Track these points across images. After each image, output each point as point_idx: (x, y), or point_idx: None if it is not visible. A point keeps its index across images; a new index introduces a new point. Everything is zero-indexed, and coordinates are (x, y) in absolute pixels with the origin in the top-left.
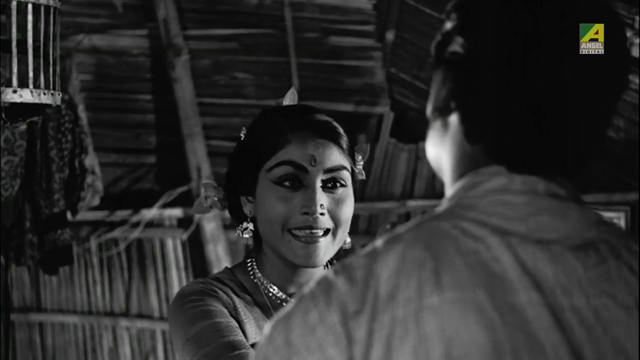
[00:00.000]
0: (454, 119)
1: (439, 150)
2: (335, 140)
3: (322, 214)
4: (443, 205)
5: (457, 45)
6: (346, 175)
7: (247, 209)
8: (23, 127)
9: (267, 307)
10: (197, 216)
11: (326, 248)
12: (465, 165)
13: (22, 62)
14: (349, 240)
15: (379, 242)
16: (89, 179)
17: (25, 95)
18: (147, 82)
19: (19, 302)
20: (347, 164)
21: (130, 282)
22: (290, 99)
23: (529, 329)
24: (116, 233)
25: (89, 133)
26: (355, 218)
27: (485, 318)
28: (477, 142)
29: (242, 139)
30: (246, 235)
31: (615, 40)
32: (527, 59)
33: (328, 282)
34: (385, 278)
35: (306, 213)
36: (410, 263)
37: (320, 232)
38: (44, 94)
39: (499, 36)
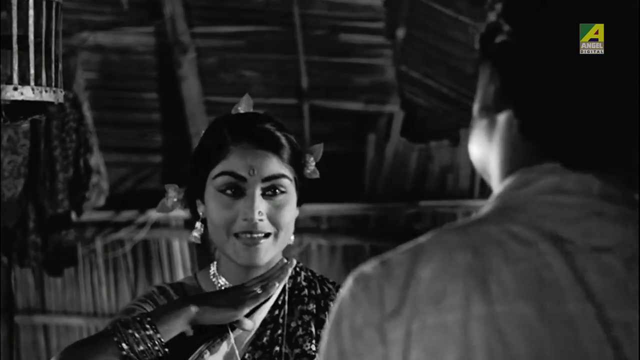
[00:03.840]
0: (503, 116)
1: (485, 150)
2: (274, 150)
3: (260, 220)
4: (490, 204)
5: (504, 35)
6: (285, 183)
7: (200, 210)
8: (26, 125)
9: None
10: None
11: (267, 249)
12: (515, 162)
13: (23, 59)
14: (292, 237)
15: (421, 240)
16: (94, 178)
17: (27, 93)
18: (153, 80)
19: (23, 304)
20: (287, 172)
21: (136, 283)
22: (245, 105)
23: (579, 343)
24: (122, 234)
25: (94, 132)
26: (365, 218)
27: (533, 333)
28: (531, 137)
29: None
30: (195, 234)
31: None
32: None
33: (366, 278)
34: (427, 279)
35: (246, 219)
36: (456, 268)
37: (261, 235)
38: (46, 91)
39: (550, 21)
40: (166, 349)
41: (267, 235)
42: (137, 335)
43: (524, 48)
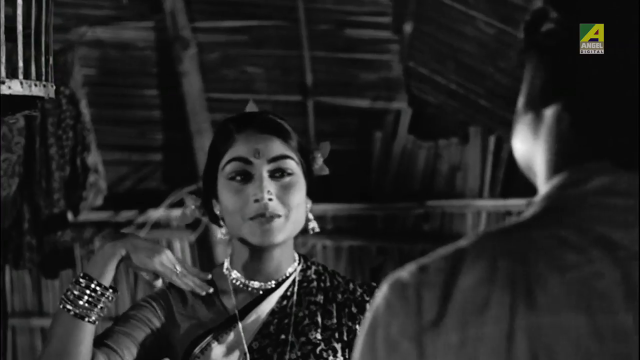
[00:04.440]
0: (550, 110)
1: (530, 147)
2: (277, 133)
3: (270, 199)
4: (536, 205)
5: (551, 24)
6: (292, 164)
7: (217, 210)
8: (21, 122)
9: (229, 293)
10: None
11: (281, 228)
12: (563, 160)
13: (12, 52)
14: (315, 225)
15: (462, 245)
16: (91, 177)
17: (15, 87)
18: (153, 76)
19: (20, 306)
20: (293, 155)
21: (136, 285)
22: (250, 110)
23: (630, 357)
24: None
25: (92, 130)
26: (372, 218)
27: (582, 346)
28: (583, 133)
29: None
30: (223, 231)
31: None
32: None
33: (402, 285)
34: (469, 288)
35: (257, 201)
36: (501, 276)
37: (274, 216)
38: (36, 85)
39: (602, 5)
40: (113, 291)
41: (279, 216)
42: (75, 292)
43: (573, 37)
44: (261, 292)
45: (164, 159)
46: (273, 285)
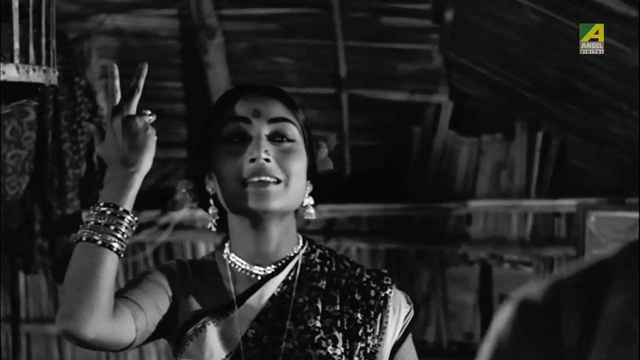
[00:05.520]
0: None
1: None
2: (279, 96)
3: (267, 159)
4: None
5: None
6: (294, 130)
7: (210, 187)
8: (32, 116)
9: (227, 278)
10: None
11: (277, 195)
12: None
13: (7, 32)
14: (312, 211)
15: (605, 258)
16: None
17: (9, 72)
18: (177, 67)
19: (35, 312)
20: (295, 121)
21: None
22: None
23: None
24: (142, 236)
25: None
26: (410, 220)
27: None
28: None
29: None
30: (211, 213)
31: None
32: None
33: (533, 306)
34: (617, 312)
35: (253, 160)
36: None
37: (271, 180)
38: (34, 70)
39: None
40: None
41: (277, 182)
42: (94, 219)
43: None
44: (259, 278)
45: (188, 156)
46: (273, 270)
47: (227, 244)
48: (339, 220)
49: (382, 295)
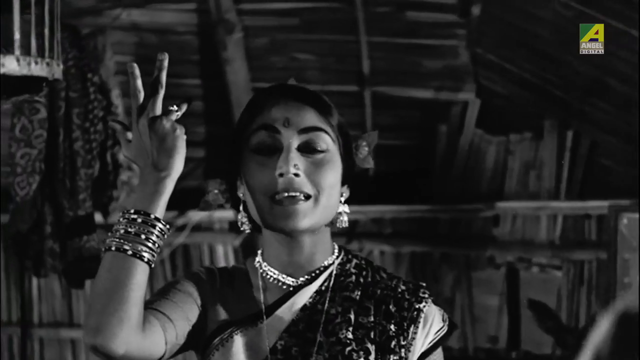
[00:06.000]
0: None
1: None
2: (312, 103)
3: (296, 174)
4: None
5: None
6: (326, 139)
7: (241, 192)
8: (43, 114)
9: (258, 288)
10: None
11: (307, 212)
12: None
13: (9, 23)
14: (346, 219)
15: None
16: (123, 175)
17: (9, 65)
18: (194, 64)
19: (48, 316)
20: (328, 129)
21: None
22: None
23: None
24: None
25: (126, 122)
26: (435, 222)
27: None
28: None
29: None
30: (245, 226)
31: None
32: None
33: (630, 319)
34: None
35: (281, 175)
36: None
37: (300, 196)
38: (36, 63)
39: None
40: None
41: (307, 197)
42: (123, 228)
43: None
44: (291, 288)
45: (206, 155)
46: (305, 280)
47: (259, 252)
48: (361, 222)
49: (416, 307)
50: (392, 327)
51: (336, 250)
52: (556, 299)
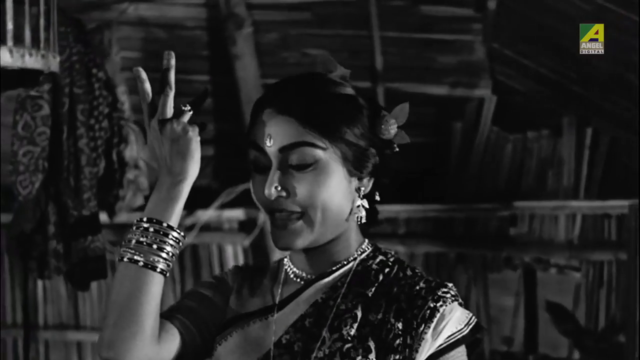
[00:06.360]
0: None
1: None
2: (296, 114)
3: (282, 196)
4: None
5: None
6: (310, 152)
7: None
8: (46, 110)
9: (279, 283)
10: (261, 219)
11: (300, 232)
12: None
13: (2, 13)
14: (363, 214)
15: None
16: (130, 174)
17: (2, 57)
18: (203, 59)
19: (54, 318)
20: (315, 140)
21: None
22: (322, 66)
23: None
24: None
25: (132, 120)
26: (450, 221)
27: None
28: None
29: None
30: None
31: None
32: None
33: None
34: None
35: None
36: None
37: (292, 215)
38: (30, 55)
39: None
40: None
41: (300, 216)
42: (136, 237)
43: None
44: (302, 282)
45: (215, 154)
46: (320, 275)
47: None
48: None
49: (430, 305)
50: (399, 325)
51: (364, 246)
52: (572, 300)
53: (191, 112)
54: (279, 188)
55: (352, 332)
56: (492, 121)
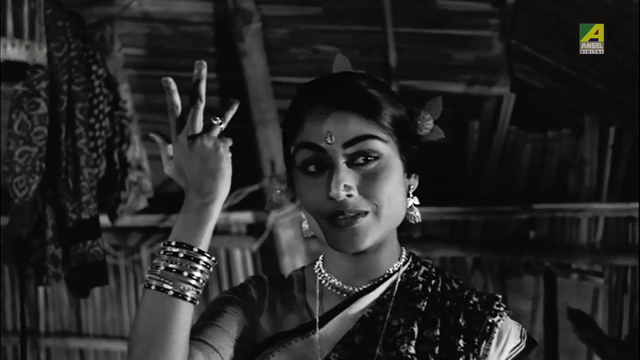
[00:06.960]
0: None
1: None
2: (355, 108)
3: (349, 195)
4: None
5: None
6: (376, 145)
7: (298, 203)
8: (43, 109)
9: (314, 296)
10: (270, 222)
11: (368, 230)
12: None
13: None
14: (418, 214)
15: None
16: (132, 175)
17: None
18: (210, 56)
19: (55, 326)
20: (378, 132)
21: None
22: (337, 67)
23: None
24: None
25: (135, 119)
26: (467, 224)
27: None
28: None
29: None
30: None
31: None
32: None
33: None
34: None
35: (332, 198)
36: None
37: (356, 214)
38: (13, 45)
39: None
40: (204, 252)
41: (365, 213)
42: (164, 264)
43: None
44: (346, 295)
45: None
46: (365, 287)
47: (320, 257)
48: None
49: (489, 321)
50: (460, 342)
51: (404, 256)
52: (591, 306)
53: (222, 126)
54: (350, 187)
55: (412, 350)
56: (511, 120)
